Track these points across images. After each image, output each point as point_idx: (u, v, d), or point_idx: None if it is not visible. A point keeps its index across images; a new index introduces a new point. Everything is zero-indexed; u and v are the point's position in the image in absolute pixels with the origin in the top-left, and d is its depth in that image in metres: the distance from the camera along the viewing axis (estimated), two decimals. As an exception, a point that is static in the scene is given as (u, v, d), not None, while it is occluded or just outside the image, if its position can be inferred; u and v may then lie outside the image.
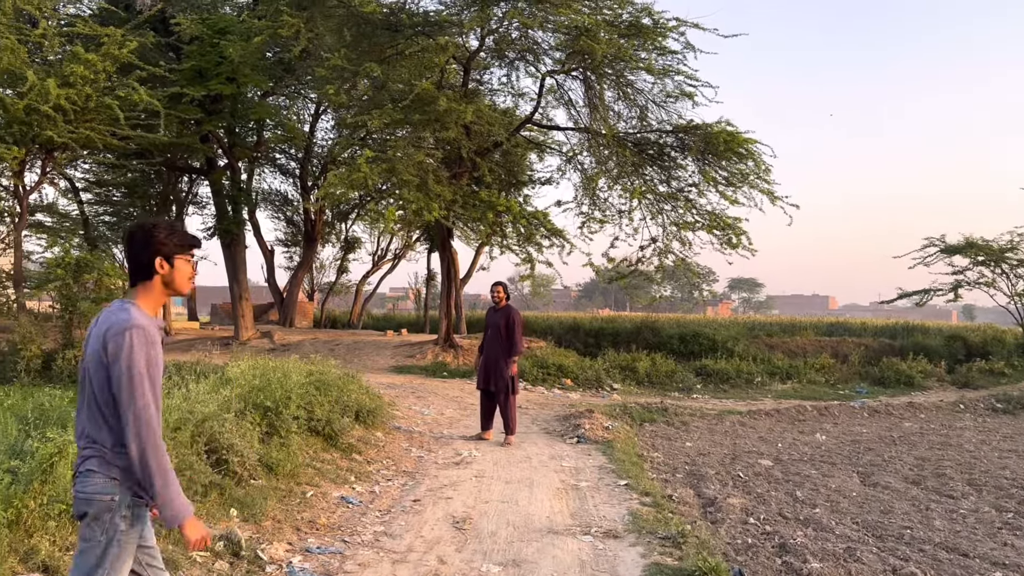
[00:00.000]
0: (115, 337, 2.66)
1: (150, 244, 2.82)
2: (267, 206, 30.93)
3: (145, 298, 2.84)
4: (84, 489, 2.69)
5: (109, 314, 2.75)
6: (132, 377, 2.63)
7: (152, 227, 2.87)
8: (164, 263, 2.83)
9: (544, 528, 6.07)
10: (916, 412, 14.83)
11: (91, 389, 2.72)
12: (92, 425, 2.72)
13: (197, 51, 17.91)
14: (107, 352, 2.66)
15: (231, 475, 5.83)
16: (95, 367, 2.70)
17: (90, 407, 2.73)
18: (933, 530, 6.56)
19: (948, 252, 22.73)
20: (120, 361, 2.63)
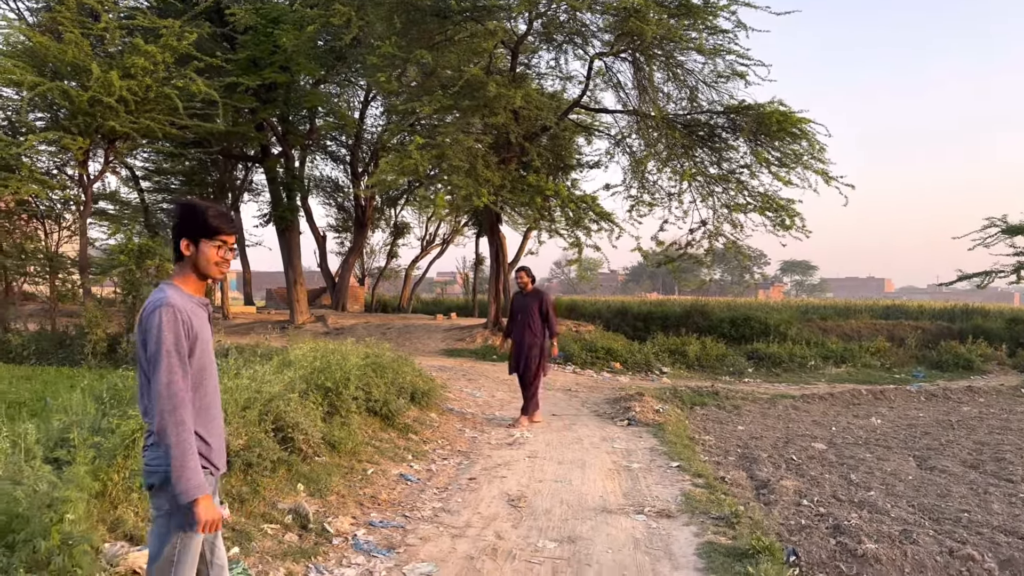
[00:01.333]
0: (148, 316, 2.76)
1: (177, 224, 2.90)
2: (319, 192, 31.44)
3: (181, 278, 2.91)
4: (150, 462, 2.84)
5: (152, 295, 2.85)
6: (159, 353, 2.71)
7: (182, 207, 2.94)
8: (189, 245, 2.88)
9: (597, 507, 6.18)
10: (975, 396, 14.54)
11: (141, 368, 2.83)
12: (148, 402, 2.83)
13: (251, 41, 18.27)
14: (143, 329, 2.78)
15: (297, 452, 6.06)
16: (140, 347, 2.81)
17: (144, 384, 2.84)
18: (991, 513, 6.49)
19: (1010, 232, 22.11)
20: (151, 338, 2.73)
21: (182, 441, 2.71)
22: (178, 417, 2.72)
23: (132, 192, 24.65)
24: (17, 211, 18.42)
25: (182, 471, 2.71)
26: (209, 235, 2.88)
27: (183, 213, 2.91)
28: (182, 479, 2.71)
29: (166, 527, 2.82)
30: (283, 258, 22.40)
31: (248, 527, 4.79)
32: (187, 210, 2.92)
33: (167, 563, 2.82)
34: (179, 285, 2.90)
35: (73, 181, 18.73)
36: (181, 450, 2.71)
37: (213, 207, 2.95)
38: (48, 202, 18.69)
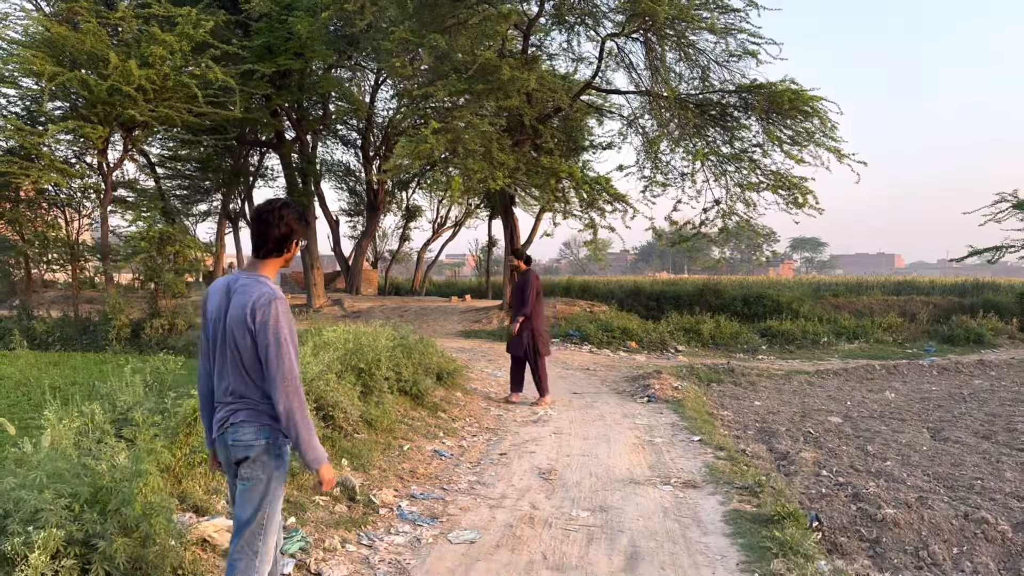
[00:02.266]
0: (263, 307, 3.02)
1: (289, 226, 3.18)
2: (331, 177, 31.68)
3: (272, 271, 3.23)
4: (241, 438, 3.10)
5: (247, 286, 3.10)
6: (280, 342, 3.00)
7: (298, 210, 3.25)
8: (293, 248, 3.22)
9: (625, 479, 6.46)
10: (986, 369, 14.75)
11: (237, 354, 3.07)
12: (240, 383, 3.09)
13: (266, 28, 18.42)
14: (255, 320, 3.01)
15: (338, 429, 6.35)
16: (241, 333, 3.04)
17: (236, 368, 3.09)
18: (1004, 481, 6.73)
19: (1020, 208, 22.18)
20: (268, 329, 3.00)
21: (306, 417, 3.04)
22: (301, 396, 3.03)
23: (149, 179, 24.91)
24: (38, 200, 18.71)
25: (310, 442, 3.04)
26: (302, 239, 3.26)
27: (300, 216, 3.24)
28: (312, 448, 3.05)
29: (262, 495, 3.11)
30: (298, 243, 22.68)
31: (301, 499, 5.08)
32: (301, 214, 3.26)
33: (259, 527, 3.11)
34: (270, 277, 3.20)
35: (93, 169, 19.01)
36: (307, 425, 3.04)
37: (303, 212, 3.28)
38: (68, 190, 18.98)
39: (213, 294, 3.21)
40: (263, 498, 3.12)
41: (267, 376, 3.02)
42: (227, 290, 3.16)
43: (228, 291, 3.16)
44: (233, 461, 3.17)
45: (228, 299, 3.13)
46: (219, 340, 3.15)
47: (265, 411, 3.10)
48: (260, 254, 3.20)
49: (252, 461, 3.10)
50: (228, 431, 3.14)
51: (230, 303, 3.12)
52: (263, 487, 3.12)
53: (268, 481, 3.12)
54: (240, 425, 3.11)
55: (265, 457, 3.11)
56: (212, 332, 3.19)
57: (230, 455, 3.18)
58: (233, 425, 3.13)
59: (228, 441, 3.15)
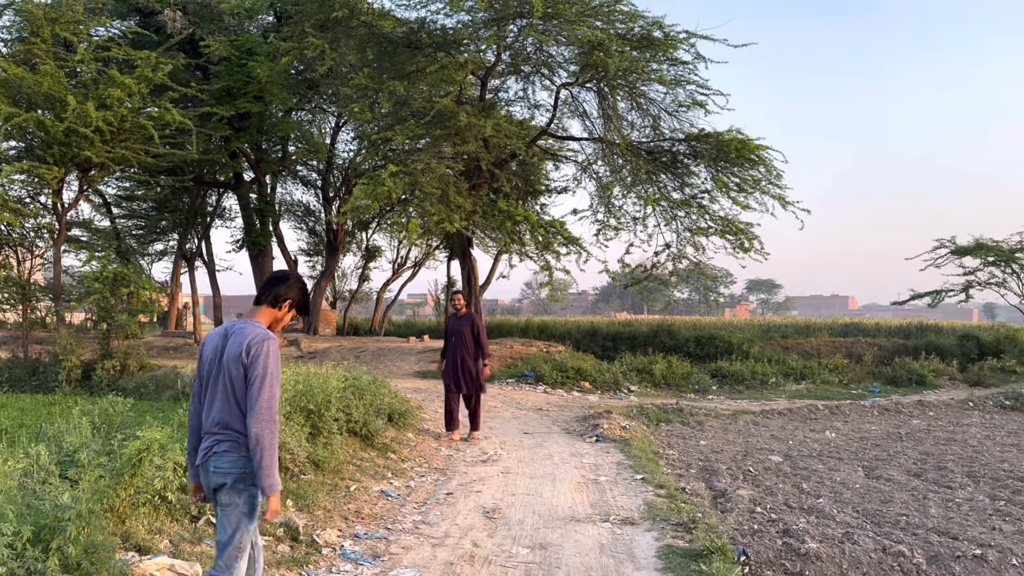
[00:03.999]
0: (257, 344, 3.40)
1: (289, 290, 3.64)
2: (290, 217, 31.73)
3: (264, 319, 3.61)
4: (222, 466, 3.41)
5: (243, 328, 3.49)
6: (266, 376, 3.37)
7: (303, 284, 3.75)
8: (286, 307, 3.64)
9: (567, 517, 6.65)
10: (925, 410, 15.28)
11: (230, 386, 3.41)
12: (228, 415, 3.42)
13: (225, 71, 18.67)
14: (248, 355, 3.38)
15: (284, 470, 6.46)
16: (236, 367, 3.40)
17: (227, 400, 3.42)
18: (928, 517, 7.07)
19: (958, 253, 23.11)
20: (258, 363, 3.37)
21: (273, 447, 3.36)
22: (273, 427, 3.37)
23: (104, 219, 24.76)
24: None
25: (271, 469, 3.35)
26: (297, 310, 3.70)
27: (303, 290, 3.72)
28: (271, 475, 3.35)
29: (238, 519, 3.45)
30: (256, 283, 22.67)
31: (244, 539, 5.18)
32: (305, 291, 3.75)
33: (236, 549, 3.46)
34: (263, 323, 3.60)
35: (47, 209, 18.90)
36: (272, 454, 3.36)
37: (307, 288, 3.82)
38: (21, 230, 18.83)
39: (210, 339, 3.58)
40: (239, 521, 3.44)
41: (248, 403, 3.35)
42: (224, 334, 3.55)
43: (226, 334, 3.54)
44: (213, 487, 3.47)
45: (225, 340, 3.50)
46: (213, 376, 3.49)
47: (245, 443, 3.39)
48: (258, 300, 3.64)
49: (230, 487, 3.41)
50: (211, 459, 3.44)
51: (227, 343, 3.48)
52: (241, 511, 3.45)
53: (244, 505, 3.44)
54: (222, 454, 3.41)
55: (241, 484, 3.42)
56: (207, 371, 3.53)
57: (210, 481, 3.47)
58: (216, 454, 3.43)
59: (210, 468, 3.45)
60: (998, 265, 22.75)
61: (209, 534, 5.22)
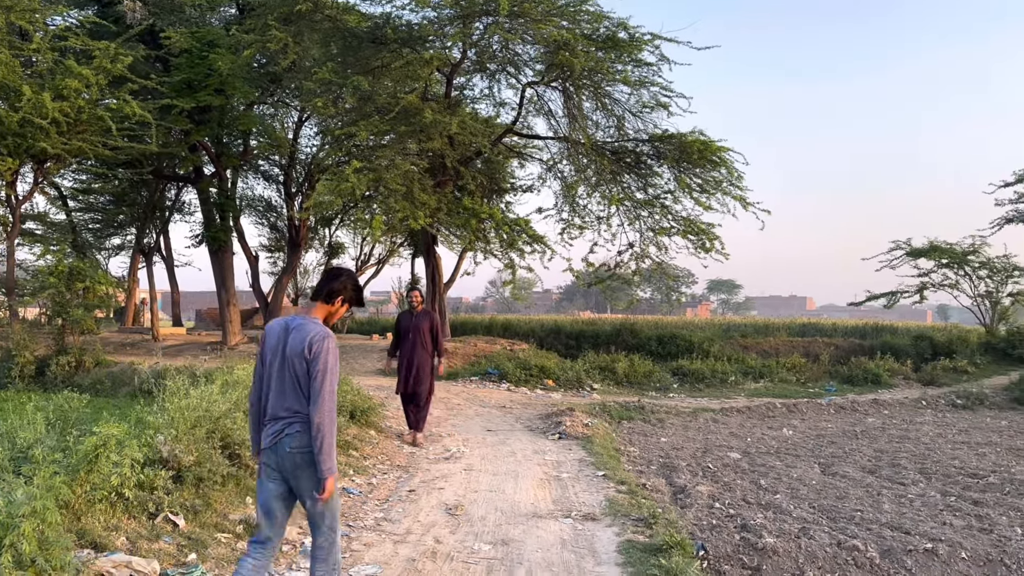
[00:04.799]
0: (318, 342, 3.77)
1: (344, 285, 4.01)
2: (251, 212, 31.31)
3: (320, 315, 3.97)
4: (294, 444, 3.78)
5: (303, 325, 3.86)
6: (327, 370, 3.75)
7: (349, 277, 4.07)
8: (339, 302, 4.00)
9: (529, 513, 6.68)
10: (880, 408, 15.61)
11: (294, 377, 3.79)
12: (296, 401, 3.80)
13: (186, 63, 18.34)
14: (311, 351, 3.76)
15: (244, 468, 6.39)
16: (299, 361, 3.78)
17: (295, 390, 3.80)
18: (881, 512, 7.23)
19: (913, 255, 23.66)
20: (320, 359, 3.74)
21: (332, 434, 3.75)
22: (333, 416, 3.76)
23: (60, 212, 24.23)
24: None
25: (330, 454, 3.73)
26: (350, 303, 4.06)
27: (356, 286, 4.09)
28: (330, 459, 3.73)
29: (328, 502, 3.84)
30: (216, 279, 22.33)
31: (203, 536, 5.13)
32: (359, 287, 4.11)
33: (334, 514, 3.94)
34: (319, 319, 3.94)
35: (0, 202, 18.45)
36: (330, 441, 3.73)
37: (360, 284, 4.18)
38: (-28, 222, 18.37)
39: (271, 333, 3.95)
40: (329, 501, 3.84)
41: (311, 394, 3.74)
42: (285, 328, 3.91)
43: (286, 329, 3.90)
44: (288, 466, 3.80)
45: (287, 335, 3.86)
46: (277, 367, 3.85)
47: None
48: (314, 297, 4.01)
49: (308, 465, 3.77)
50: (284, 440, 3.80)
51: (289, 338, 3.85)
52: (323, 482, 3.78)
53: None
54: (295, 435, 3.78)
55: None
56: (269, 360, 3.90)
57: (284, 462, 3.81)
58: (289, 435, 3.79)
59: (285, 448, 3.80)
60: (951, 267, 23.33)
61: (167, 530, 5.15)
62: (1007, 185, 24.08)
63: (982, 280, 23.31)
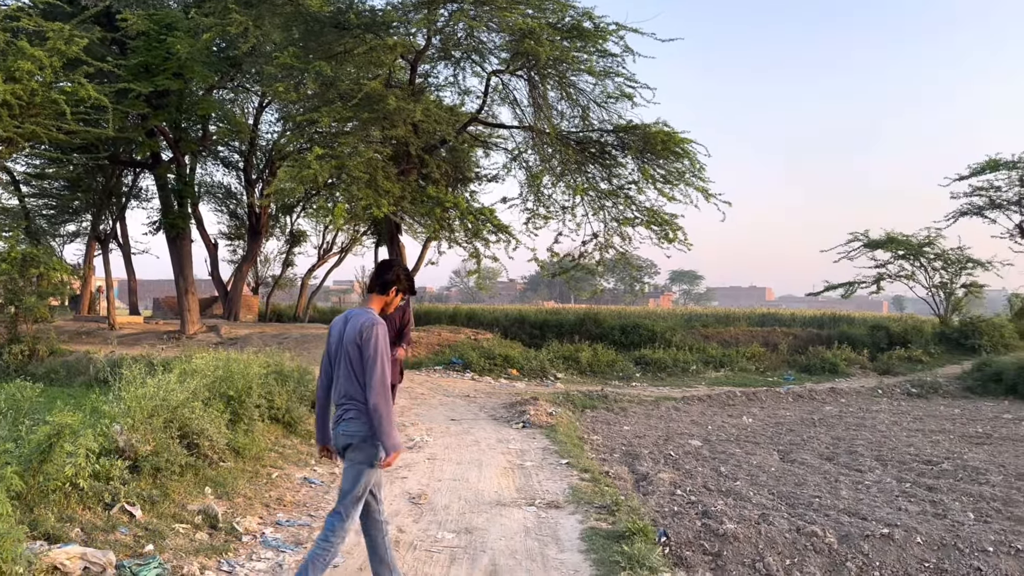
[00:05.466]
0: (367, 329, 4.07)
1: (395, 276, 4.32)
2: (210, 199, 30.81)
3: (376, 306, 4.28)
4: (348, 429, 4.10)
5: (358, 315, 4.18)
6: (377, 356, 4.03)
7: (400, 268, 4.38)
8: (393, 292, 4.31)
9: (493, 501, 6.68)
10: (837, 397, 15.90)
11: (349, 364, 4.10)
12: (352, 388, 4.10)
13: (144, 46, 17.92)
14: (361, 338, 4.06)
15: (203, 457, 6.29)
16: (352, 348, 4.09)
17: (349, 377, 4.11)
18: (839, 499, 7.36)
19: (871, 247, 24.10)
20: (370, 345, 4.03)
21: (388, 412, 4.00)
22: (387, 397, 4.02)
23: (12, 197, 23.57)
24: None
25: (390, 432, 4.00)
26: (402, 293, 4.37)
27: (408, 277, 4.40)
28: (391, 437, 4.01)
29: (359, 471, 4.10)
30: (174, 267, 21.93)
31: (160, 527, 5.04)
32: (411, 278, 4.42)
33: (355, 497, 4.11)
34: (374, 309, 4.25)
35: (-52, 186, 17.89)
36: (388, 420, 3.99)
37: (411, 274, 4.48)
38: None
39: (336, 324, 4.29)
40: (360, 474, 4.10)
41: (365, 379, 4.03)
42: (345, 319, 4.24)
43: (346, 320, 4.23)
44: (342, 446, 4.15)
45: (346, 325, 4.20)
46: (338, 356, 4.18)
47: (366, 411, 4.04)
48: (370, 289, 4.33)
49: (356, 447, 4.10)
50: (340, 424, 4.14)
51: (347, 327, 4.18)
52: (360, 469, 4.10)
53: (365, 462, 4.09)
54: (350, 420, 4.10)
55: (364, 444, 4.08)
56: (333, 351, 4.23)
57: (339, 442, 4.16)
58: (344, 420, 4.13)
59: (340, 432, 4.14)
60: (907, 258, 23.80)
61: (123, 521, 5.04)
62: (962, 179, 24.62)
63: (937, 271, 23.84)
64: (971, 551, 5.61)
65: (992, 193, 24.29)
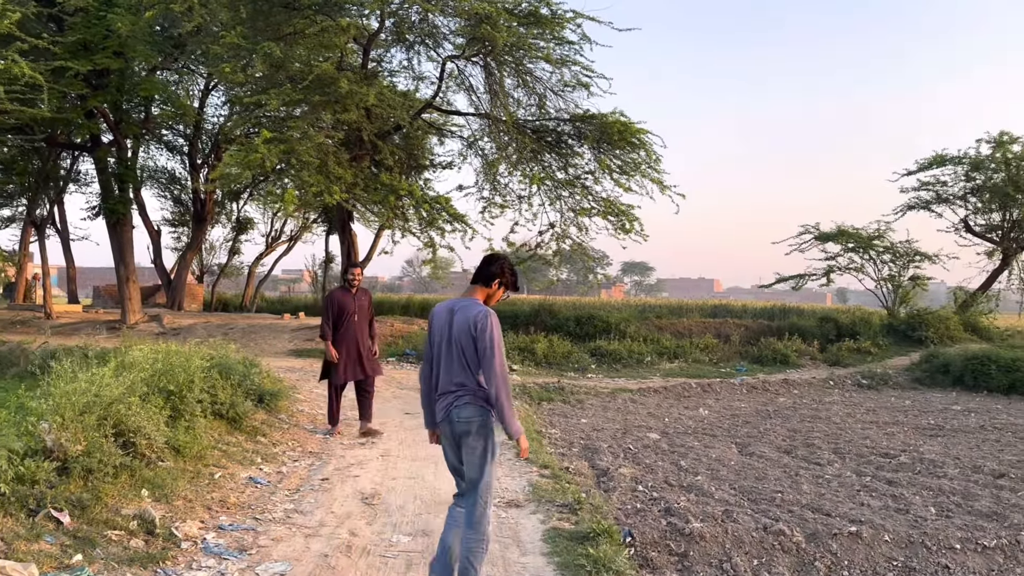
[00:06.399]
0: (481, 320, 4.15)
1: (500, 269, 4.38)
2: (153, 184, 29.78)
3: (479, 296, 4.35)
4: (463, 415, 4.19)
5: (467, 306, 4.24)
6: (493, 346, 4.12)
7: (505, 261, 4.46)
8: (495, 285, 4.37)
9: (450, 500, 6.38)
10: (790, 388, 15.98)
11: (461, 353, 4.18)
12: (463, 375, 4.20)
13: (82, 23, 17.10)
14: (476, 329, 4.14)
15: (140, 457, 5.87)
16: (466, 338, 4.17)
17: (461, 365, 4.19)
18: (801, 493, 7.26)
19: (821, 239, 24.34)
20: (486, 335, 4.12)
21: (509, 400, 4.15)
22: (507, 385, 4.16)
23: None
24: None
25: (512, 418, 4.16)
26: (507, 288, 4.45)
27: (512, 271, 4.46)
28: (512, 423, 4.16)
29: (483, 457, 4.23)
30: (114, 254, 21.08)
31: (91, 534, 4.64)
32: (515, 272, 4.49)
33: (487, 484, 4.25)
34: (479, 300, 4.33)
35: None
36: (509, 406, 4.15)
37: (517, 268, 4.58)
38: None
39: (438, 314, 4.35)
40: (484, 458, 4.23)
41: (483, 369, 4.14)
42: (450, 310, 4.30)
43: (451, 311, 4.29)
44: (459, 433, 4.22)
45: (452, 316, 4.27)
46: (445, 345, 4.25)
47: (480, 396, 4.20)
48: (474, 281, 4.40)
49: (474, 433, 4.20)
50: (453, 411, 4.22)
51: (454, 319, 4.25)
52: (481, 451, 4.22)
53: (484, 447, 4.23)
54: (463, 407, 4.20)
55: (483, 430, 4.21)
56: (438, 340, 4.29)
57: (455, 430, 4.23)
58: (457, 407, 4.21)
59: (454, 419, 4.22)
60: (857, 251, 24.10)
61: (49, 529, 4.63)
62: (910, 173, 25.03)
63: (886, 264, 24.20)
64: (938, 548, 5.52)
65: (939, 188, 24.76)
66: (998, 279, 24.92)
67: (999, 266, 24.81)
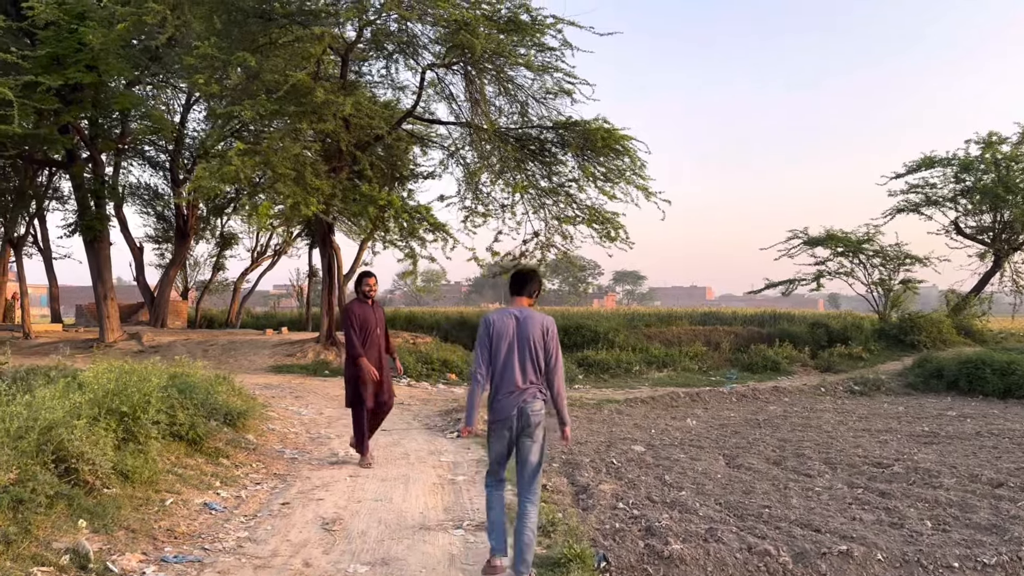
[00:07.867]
0: (550, 328, 4.85)
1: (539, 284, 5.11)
2: (135, 201, 29.36)
3: (527, 304, 5.00)
4: (535, 407, 4.82)
5: (532, 316, 4.85)
6: (558, 348, 4.90)
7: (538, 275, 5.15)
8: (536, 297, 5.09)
9: (416, 524, 6.03)
10: (781, 396, 15.63)
11: (533, 355, 4.79)
12: (535, 375, 4.82)
13: (53, 37, 16.74)
14: (547, 335, 4.83)
15: (81, 484, 5.49)
16: (539, 343, 4.80)
17: (534, 366, 4.81)
18: (790, 508, 6.90)
19: (811, 244, 24.09)
20: (554, 341, 4.86)
21: (565, 395, 4.90)
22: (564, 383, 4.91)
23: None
24: None
25: (566, 410, 4.94)
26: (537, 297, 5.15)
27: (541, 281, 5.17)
28: (567, 414, 4.94)
29: (543, 446, 4.93)
30: (91, 271, 20.68)
31: (14, 571, 4.25)
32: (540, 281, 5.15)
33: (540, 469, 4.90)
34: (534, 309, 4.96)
35: None
36: (565, 401, 4.91)
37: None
38: None
39: (502, 322, 4.85)
40: (544, 444, 4.94)
41: (553, 367, 4.84)
42: (515, 317, 4.85)
43: (517, 319, 4.84)
44: (530, 425, 4.80)
45: (518, 323, 4.83)
46: (515, 348, 4.80)
47: (544, 392, 4.86)
48: (518, 293, 5.03)
49: (540, 425, 4.83)
50: (527, 404, 4.79)
51: (522, 325, 4.82)
52: (543, 437, 4.91)
53: (545, 434, 4.92)
54: (534, 400, 4.82)
55: (545, 421, 4.86)
56: (503, 345, 4.81)
57: (528, 421, 4.80)
58: (529, 402, 4.79)
59: (528, 412, 4.79)
60: (847, 255, 23.85)
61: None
62: (898, 176, 24.85)
63: (876, 268, 23.96)
64: (935, 568, 5.16)
65: (928, 190, 24.56)
66: (990, 281, 24.69)
67: (991, 268, 24.58)
